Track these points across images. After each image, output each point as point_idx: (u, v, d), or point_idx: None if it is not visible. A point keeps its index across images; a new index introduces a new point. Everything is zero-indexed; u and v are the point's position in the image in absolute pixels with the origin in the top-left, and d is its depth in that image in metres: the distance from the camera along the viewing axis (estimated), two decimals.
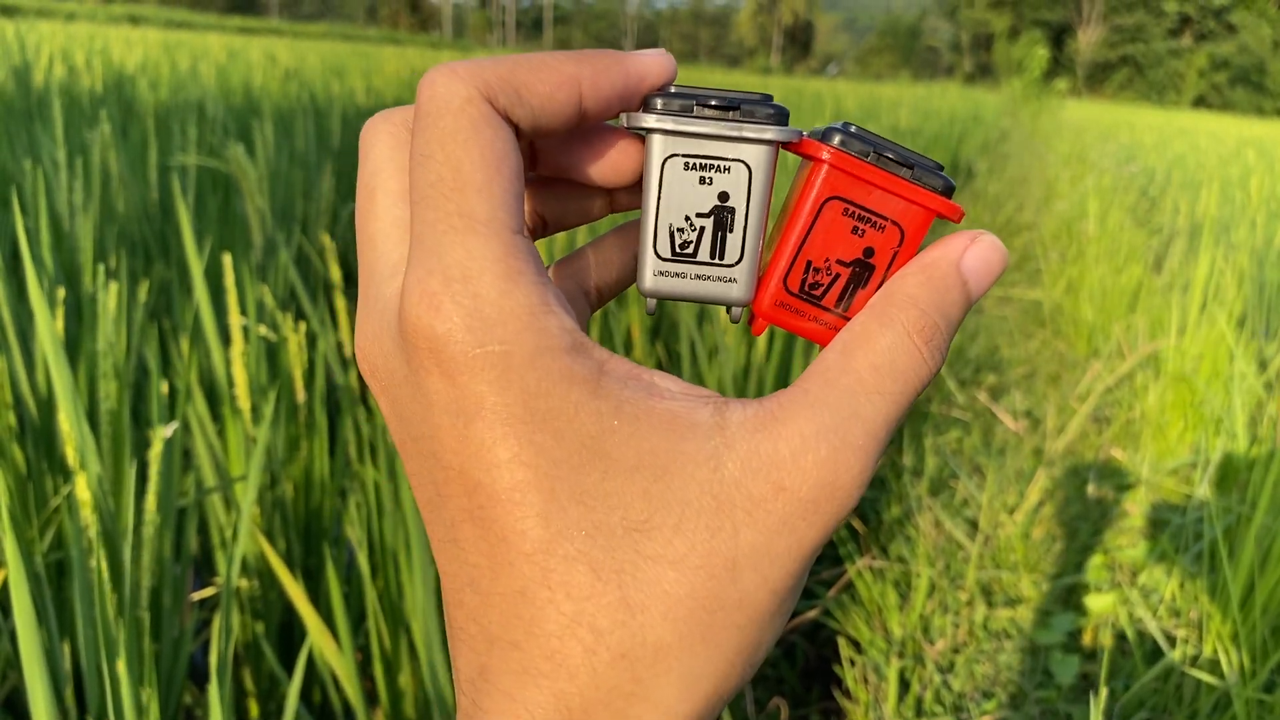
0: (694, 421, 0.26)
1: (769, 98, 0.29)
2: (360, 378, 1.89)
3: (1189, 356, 2.48)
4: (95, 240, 1.91)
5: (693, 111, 0.28)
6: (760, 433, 0.26)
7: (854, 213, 0.29)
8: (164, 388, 1.21)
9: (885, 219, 0.29)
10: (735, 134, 0.28)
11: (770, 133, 0.28)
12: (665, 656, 0.25)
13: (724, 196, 0.29)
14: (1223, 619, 1.64)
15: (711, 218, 0.29)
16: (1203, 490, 1.94)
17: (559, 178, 0.32)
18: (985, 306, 3.95)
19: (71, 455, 1.04)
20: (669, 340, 1.99)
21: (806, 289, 0.30)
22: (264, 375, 1.46)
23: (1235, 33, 59.44)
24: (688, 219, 0.29)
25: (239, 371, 1.41)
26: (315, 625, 1.09)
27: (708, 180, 0.29)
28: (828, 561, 2.08)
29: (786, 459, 0.26)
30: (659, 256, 0.30)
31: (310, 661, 1.36)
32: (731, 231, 0.29)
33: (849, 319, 0.29)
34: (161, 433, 1.11)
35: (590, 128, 0.31)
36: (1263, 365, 2.41)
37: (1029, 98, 17.84)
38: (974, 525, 2.10)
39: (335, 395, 1.61)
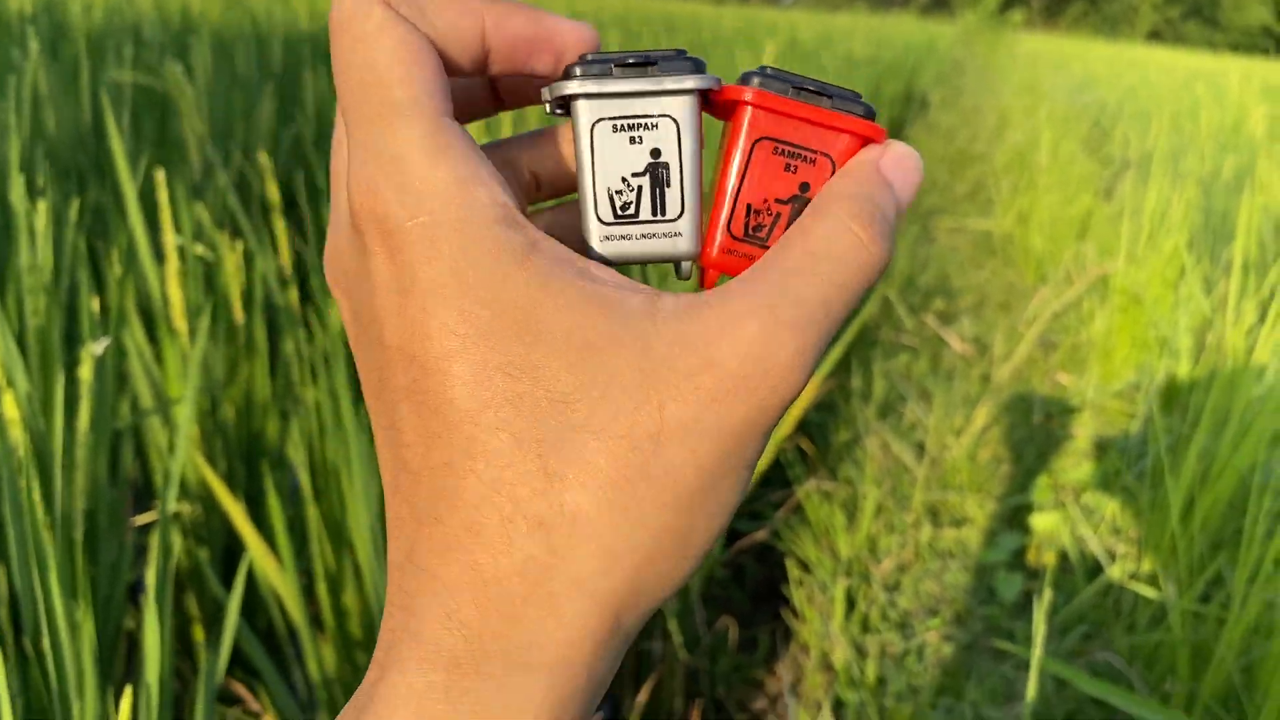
0: (625, 304, 0.25)
1: (683, 51, 0.29)
2: (301, 299, 1.86)
3: (1136, 280, 2.51)
4: (23, 160, 1.84)
5: (612, 73, 0.29)
6: (690, 313, 0.25)
7: (784, 150, 0.29)
8: (95, 304, 1.18)
9: (814, 151, 0.29)
10: (657, 88, 0.29)
11: (690, 81, 0.29)
12: (582, 526, 0.24)
13: (656, 153, 0.29)
14: (1162, 534, 1.67)
15: (647, 175, 0.29)
16: (1147, 411, 1.96)
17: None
18: (936, 236, 3.96)
19: None
20: None
21: (750, 231, 0.30)
22: (200, 296, 1.42)
23: None
24: (624, 180, 0.29)
25: (174, 291, 1.37)
26: (255, 544, 1.07)
27: (638, 140, 0.29)
28: (776, 484, 2.09)
29: (715, 334, 0.25)
30: (601, 221, 0.30)
31: (256, 586, 1.35)
32: (669, 186, 0.29)
33: None
34: (92, 349, 1.08)
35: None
36: (1209, 289, 2.43)
37: (984, 30, 17.80)
38: (921, 448, 2.11)
39: (276, 317, 1.57)
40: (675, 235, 0.30)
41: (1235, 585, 1.36)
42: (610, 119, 0.29)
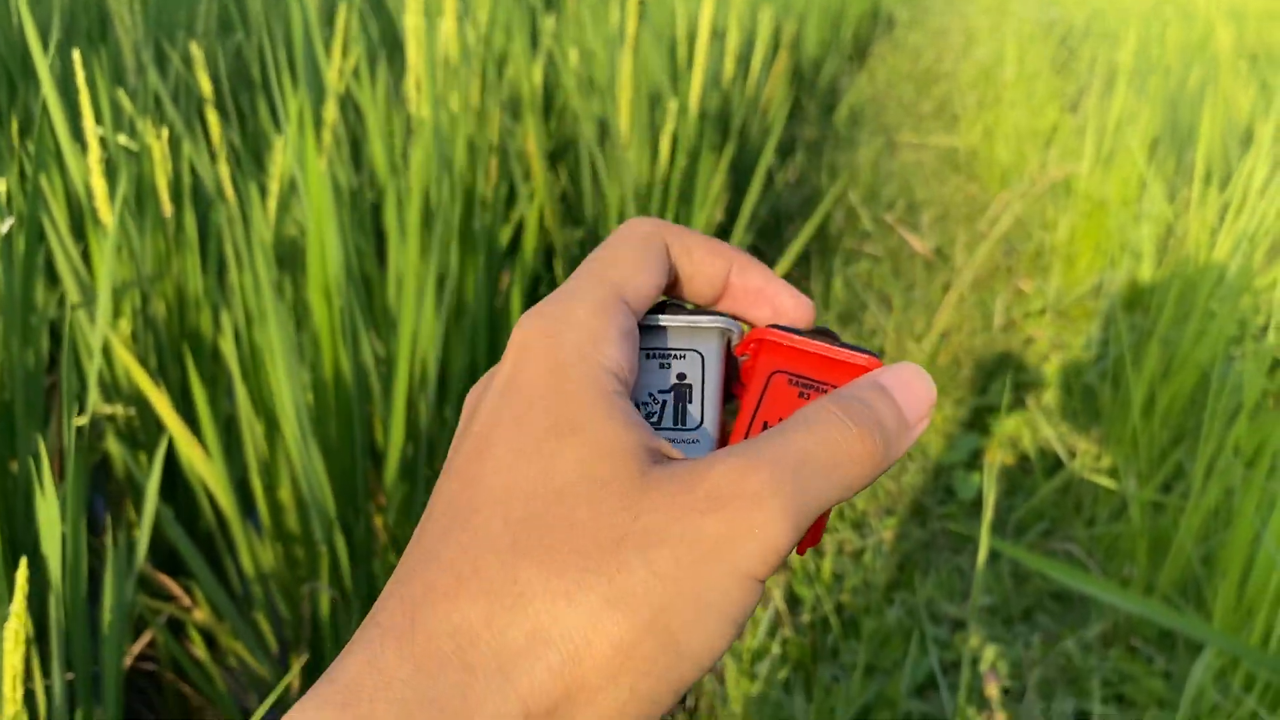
0: (650, 443, 0.28)
1: (722, 313, 0.34)
2: (237, 193, 1.79)
3: (1101, 186, 2.47)
4: None
5: (661, 310, 0.33)
6: (693, 459, 0.28)
7: (796, 380, 0.32)
8: (2, 186, 1.11)
9: (824, 383, 0.32)
10: (689, 324, 0.33)
11: (720, 322, 0.33)
12: (525, 604, 0.25)
13: (682, 376, 0.33)
14: (1124, 429, 1.65)
15: (672, 393, 0.33)
16: (1109, 310, 1.94)
17: None
18: (900, 152, 3.91)
19: None
20: (571, 166, 1.91)
21: None
22: (128, 186, 1.35)
23: None
24: (651, 395, 0.33)
25: (97, 181, 1.30)
26: (178, 430, 1.02)
27: (667, 365, 0.33)
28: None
29: (703, 467, 0.27)
30: None
31: (195, 495, 1.30)
32: (690, 403, 0.33)
33: None
34: None
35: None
36: (1172, 195, 2.40)
37: None
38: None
39: (207, 209, 1.50)
40: (693, 442, 0.32)
41: (1194, 474, 1.34)
42: (646, 349, 0.33)
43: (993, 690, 1.33)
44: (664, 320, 0.33)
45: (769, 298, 0.34)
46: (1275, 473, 1.23)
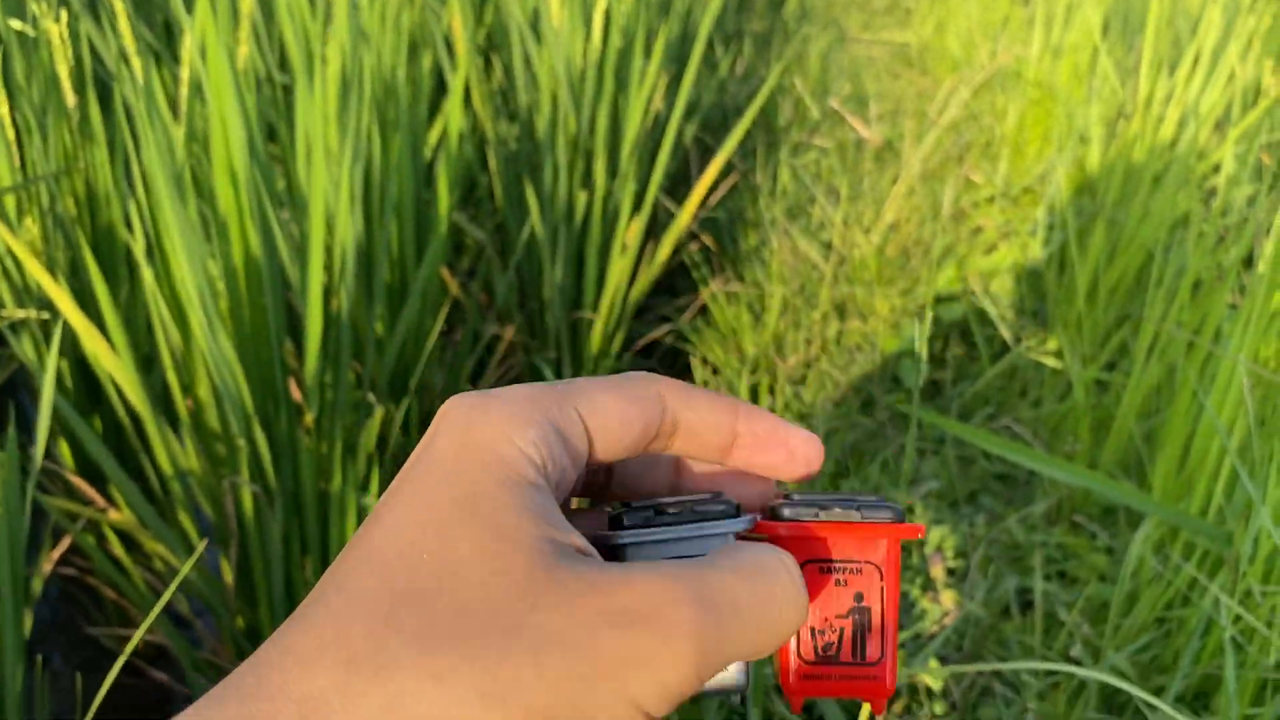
0: (557, 537, 0.26)
1: (719, 494, 0.31)
2: (162, 87, 1.71)
3: (1050, 72, 2.43)
4: None
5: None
6: (612, 565, 0.26)
7: (829, 568, 0.30)
8: None
9: (858, 562, 0.30)
10: (695, 534, 0.30)
11: (723, 526, 0.30)
12: (386, 674, 0.23)
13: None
14: (1069, 312, 1.63)
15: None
16: (1055, 195, 1.91)
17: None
18: (851, 49, 3.84)
19: None
20: (502, 52, 1.83)
21: (821, 651, 0.31)
22: (22, 76, 1.28)
23: None
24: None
25: None
26: (79, 322, 0.97)
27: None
28: (682, 291, 2.03)
29: (615, 575, 0.25)
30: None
31: (114, 406, 1.25)
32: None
33: (870, 663, 0.31)
34: None
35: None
36: (1121, 82, 2.36)
37: None
38: (829, 247, 2.05)
39: (113, 100, 1.43)
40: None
41: (1137, 351, 1.33)
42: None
43: (938, 572, 1.33)
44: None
45: (780, 441, 0.33)
46: (1218, 343, 1.22)
